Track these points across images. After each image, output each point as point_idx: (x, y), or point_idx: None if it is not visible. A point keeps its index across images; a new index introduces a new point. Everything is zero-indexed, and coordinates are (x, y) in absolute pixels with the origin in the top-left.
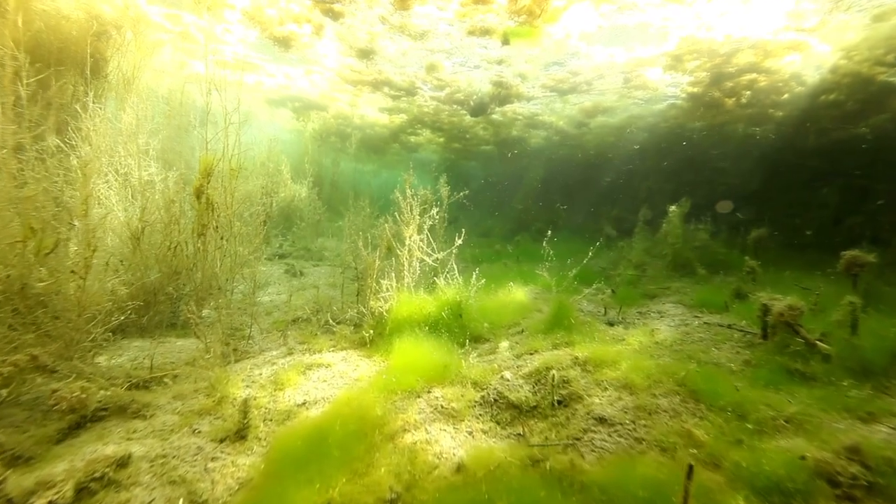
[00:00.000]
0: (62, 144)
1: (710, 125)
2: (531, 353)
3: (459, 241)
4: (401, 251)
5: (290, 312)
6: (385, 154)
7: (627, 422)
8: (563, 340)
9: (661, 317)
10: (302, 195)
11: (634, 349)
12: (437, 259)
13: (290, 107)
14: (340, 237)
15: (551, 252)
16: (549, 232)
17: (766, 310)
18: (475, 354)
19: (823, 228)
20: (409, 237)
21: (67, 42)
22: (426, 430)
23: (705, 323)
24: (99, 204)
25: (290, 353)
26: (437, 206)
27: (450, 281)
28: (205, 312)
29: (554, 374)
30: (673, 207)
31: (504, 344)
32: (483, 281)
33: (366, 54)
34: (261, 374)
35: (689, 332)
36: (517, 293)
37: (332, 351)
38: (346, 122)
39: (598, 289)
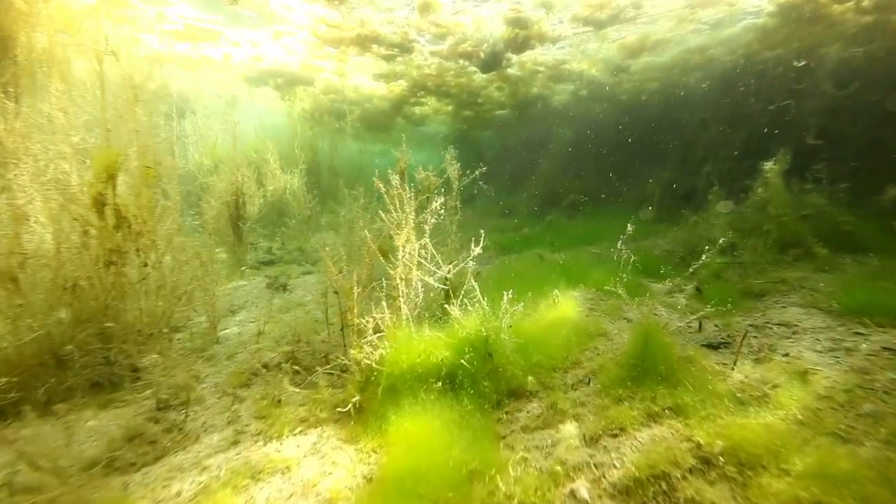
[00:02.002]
0: None
1: (792, 51)
2: (614, 434)
3: (479, 249)
4: (393, 267)
5: (259, 353)
6: (390, 131)
7: None
8: (662, 402)
9: (794, 333)
10: (295, 186)
11: (793, 417)
12: (447, 277)
13: (272, 84)
14: (338, 233)
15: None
16: (583, 207)
17: None
18: (518, 433)
19: None
20: (403, 246)
21: None
22: None
23: (885, 349)
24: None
25: (237, 443)
26: (443, 192)
27: (469, 305)
28: (145, 362)
29: None
30: (769, 164)
31: (570, 428)
32: (516, 297)
33: None
34: (178, 498)
35: (867, 368)
36: (566, 305)
37: (300, 432)
38: (339, 97)
39: (674, 285)
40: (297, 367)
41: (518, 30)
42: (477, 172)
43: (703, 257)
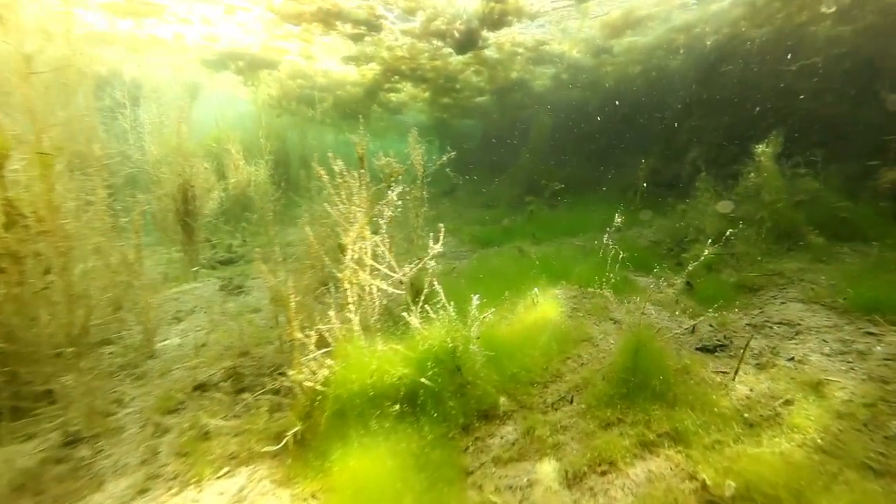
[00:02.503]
0: None
1: (778, 30)
2: (602, 471)
3: (439, 247)
4: (341, 271)
5: (197, 370)
6: (367, 120)
7: None
8: (658, 427)
9: (797, 334)
10: (260, 178)
11: (813, 442)
12: (402, 280)
13: (233, 68)
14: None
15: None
16: (566, 196)
17: None
18: (489, 467)
19: None
20: (352, 246)
21: None
22: None
23: None
24: None
25: (145, 491)
26: (403, 180)
27: (435, 311)
28: (61, 385)
29: None
30: (761, 147)
31: (549, 463)
32: (492, 297)
33: None
34: None
35: (886, 377)
36: (546, 306)
37: (227, 473)
38: (308, 83)
39: (662, 279)
40: (238, 387)
41: (493, 3)
42: (445, 158)
43: (706, 252)
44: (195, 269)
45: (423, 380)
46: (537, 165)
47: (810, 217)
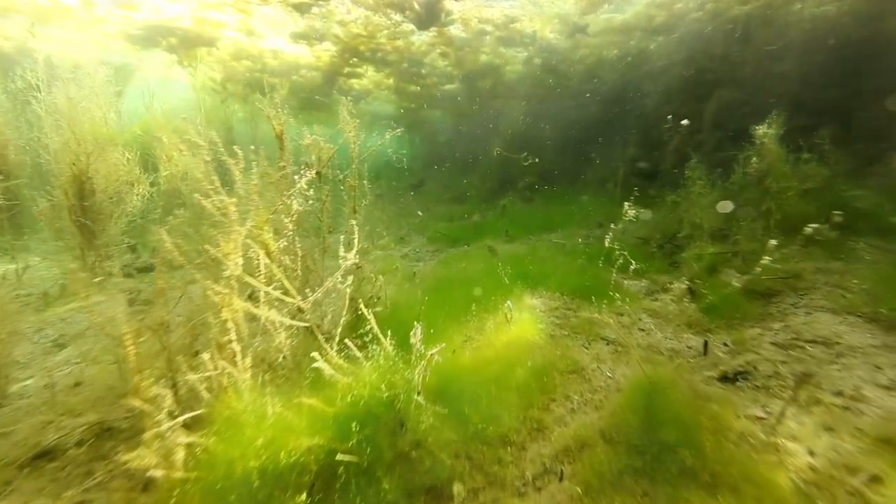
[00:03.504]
0: None
1: (763, 6)
2: None
3: (352, 256)
4: (218, 291)
5: (50, 426)
6: (329, 110)
7: None
8: None
9: (838, 356)
10: (197, 172)
11: None
12: (304, 308)
13: (165, 45)
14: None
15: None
16: (541, 189)
17: None
18: None
19: None
20: (233, 261)
21: None
22: None
23: None
24: None
25: None
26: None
27: (368, 350)
28: None
29: None
30: (762, 129)
31: None
32: (448, 312)
33: None
34: None
35: None
36: (522, 323)
37: None
38: (256, 65)
39: (656, 283)
40: (95, 454)
41: None
42: (387, 136)
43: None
44: (99, 278)
45: (349, 444)
46: (510, 158)
47: (819, 208)
